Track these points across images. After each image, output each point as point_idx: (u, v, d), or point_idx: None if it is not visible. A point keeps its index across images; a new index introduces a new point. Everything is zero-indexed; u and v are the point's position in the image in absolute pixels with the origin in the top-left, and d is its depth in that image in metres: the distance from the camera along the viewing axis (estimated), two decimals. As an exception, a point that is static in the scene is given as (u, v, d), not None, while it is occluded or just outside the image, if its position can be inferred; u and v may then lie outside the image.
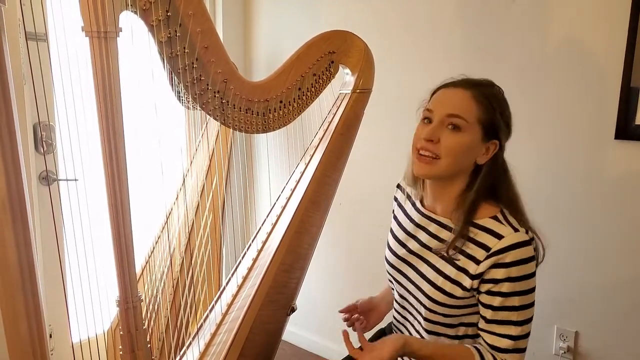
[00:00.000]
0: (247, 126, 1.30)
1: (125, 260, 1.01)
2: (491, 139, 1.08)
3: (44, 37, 1.66)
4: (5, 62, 0.78)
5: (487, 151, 1.09)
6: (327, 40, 1.40)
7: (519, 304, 1.05)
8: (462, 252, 1.09)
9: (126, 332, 1.04)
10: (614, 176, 1.66)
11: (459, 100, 1.06)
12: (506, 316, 1.06)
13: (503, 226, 1.06)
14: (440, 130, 1.06)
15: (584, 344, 1.79)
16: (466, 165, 1.10)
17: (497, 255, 1.03)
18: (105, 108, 0.95)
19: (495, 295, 1.06)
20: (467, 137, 1.05)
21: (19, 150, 0.81)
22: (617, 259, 1.68)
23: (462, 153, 1.06)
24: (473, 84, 1.09)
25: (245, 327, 1.25)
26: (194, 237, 1.95)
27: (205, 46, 1.12)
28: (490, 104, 1.06)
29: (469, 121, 1.05)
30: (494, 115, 1.06)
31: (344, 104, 1.48)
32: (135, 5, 0.99)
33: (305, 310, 1.60)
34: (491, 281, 1.05)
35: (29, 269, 0.83)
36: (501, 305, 1.05)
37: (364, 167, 2.15)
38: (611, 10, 1.58)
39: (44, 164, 1.83)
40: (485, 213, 1.09)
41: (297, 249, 1.37)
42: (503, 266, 1.03)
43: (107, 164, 0.97)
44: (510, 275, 1.03)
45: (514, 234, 1.04)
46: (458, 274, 1.09)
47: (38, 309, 0.85)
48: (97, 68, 0.93)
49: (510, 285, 1.04)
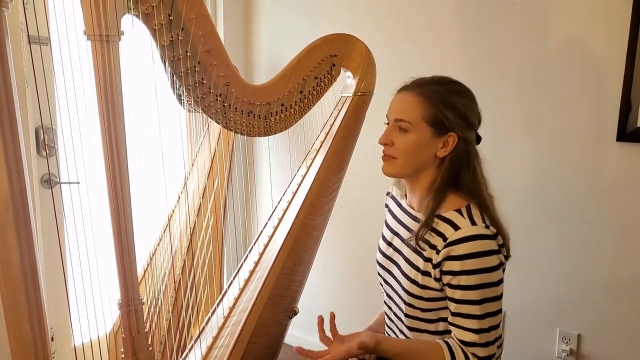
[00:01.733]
0: (248, 129, 1.31)
1: (126, 262, 1.01)
2: (445, 133, 1.12)
3: (46, 41, 1.67)
4: (8, 65, 0.78)
5: (445, 145, 1.13)
6: (328, 43, 1.40)
7: (480, 298, 1.06)
8: (427, 243, 1.12)
9: (128, 334, 1.04)
10: (615, 178, 1.65)
11: (404, 104, 1.15)
12: (468, 310, 1.08)
13: (462, 219, 1.09)
14: (393, 134, 1.15)
15: (586, 346, 1.78)
16: (425, 160, 1.14)
17: (450, 246, 1.07)
18: (107, 111, 0.95)
19: (455, 289, 1.08)
20: (415, 136, 1.12)
21: (21, 153, 0.81)
22: (619, 261, 1.68)
23: (413, 151, 1.13)
24: (418, 85, 1.15)
25: (247, 331, 1.24)
26: (196, 239, 1.95)
27: (207, 50, 1.12)
28: (433, 101, 1.11)
29: (413, 122, 1.12)
30: (439, 111, 1.11)
31: (346, 107, 1.48)
32: (137, 9, 0.99)
33: (307, 313, 1.60)
34: (449, 273, 1.08)
35: (31, 271, 0.83)
36: (462, 298, 1.08)
37: (366, 169, 2.15)
38: (612, 12, 1.58)
39: (46, 166, 1.84)
40: (451, 206, 1.13)
41: (298, 252, 1.37)
42: (457, 259, 1.06)
43: (109, 166, 0.97)
44: (465, 268, 1.06)
45: (470, 227, 1.07)
46: (425, 264, 1.12)
47: (40, 310, 0.85)
48: (99, 71, 0.94)
49: (467, 279, 1.06)
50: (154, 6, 1.01)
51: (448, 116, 1.11)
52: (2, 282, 0.82)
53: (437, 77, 1.17)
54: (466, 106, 1.14)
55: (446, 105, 1.11)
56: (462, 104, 1.13)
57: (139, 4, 0.99)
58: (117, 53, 0.95)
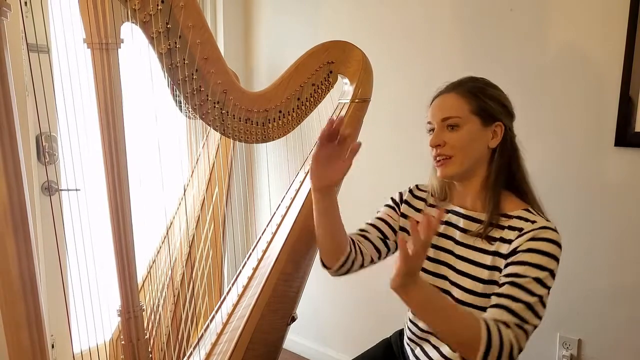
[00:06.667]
0: (246, 136, 1.31)
1: (126, 269, 1.02)
2: (493, 122, 1.16)
3: (46, 49, 1.68)
4: (7, 73, 0.79)
5: (494, 135, 1.16)
6: (325, 50, 1.41)
7: (540, 277, 1.04)
8: (495, 239, 1.13)
9: (128, 342, 1.04)
10: (614, 183, 1.66)
11: (447, 104, 1.18)
12: (524, 282, 1.04)
13: (534, 215, 1.12)
14: (443, 134, 1.16)
15: (587, 352, 1.78)
16: (479, 153, 1.17)
17: (530, 232, 1.08)
18: (106, 118, 0.96)
19: (518, 265, 1.06)
20: (466, 129, 1.15)
21: (21, 160, 0.81)
22: (619, 266, 1.67)
23: (468, 144, 1.15)
24: (454, 86, 1.20)
25: (245, 337, 1.25)
26: (195, 245, 1.95)
27: (205, 57, 1.13)
28: (474, 94, 1.16)
29: (462, 116, 1.15)
30: (482, 101, 1.15)
31: (343, 114, 1.49)
32: (135, 18, 1.00)
33: (306, 319, 1.60)
34: (519, 251, 1.07)
35: (30, 279, 0.83)
36: (523, 273, 1.05)
37: (364, 174, 2.16)
38: (609, 18, 1.59)
39: (46, 174, 1.84)
40: (516, 206, 1.15)
41: (297, 258, 1.37)
42: (533, 240, 1.07)
43: (109, 174, 0.98)
44: (537, 248, 1.06)
45: (546, 222, 1.10)
46: (494, 259, 1.12)
47: (39, 319, 0.85)
48: (98, 79, 0.94)
49: (535, 257, 1.05)
50: (152, 14, 1.02)
51: (492, 105, 1.16)
52: (1, 291, 0.83)
53: (469, 76, 1.22)
54: (502, 96, 1.19)
55: (486, 96, 1.16)
56: (499, 94, 1.19)
57: (136, 13, 1.00)
58: (117, 61, 0.96)
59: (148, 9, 1.01)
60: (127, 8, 0.98)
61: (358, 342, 1.56)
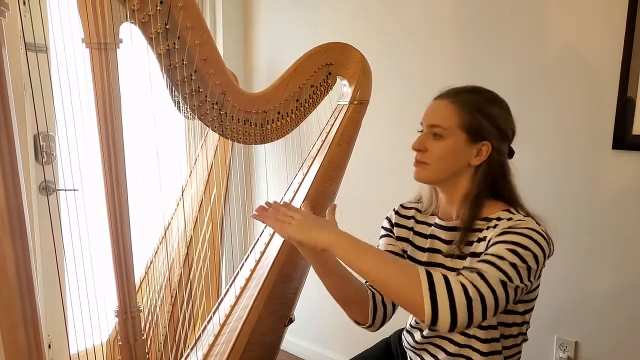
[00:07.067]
0: (245, 137, 1.31)
1: (124, 270, 1.02)
2: (479, 141, 1.12)
3: (44, 49, 1.68)
4: (5, 72, 0.79)
5: (479, 153, 1.13)
6: (324, 52, 1.41)
7: (511, 249, 0.99)
8: (477, 241, 1.11)
9: (125, 342, 1.04)
10: (612, 186, 1.66)
11: (439, 111, 1.15)
12: (496, 250, 0.99)
13: (516, 214, 1.10)
14: (427, 140, 1.15)
15: (584, 354, 1.78)
16: (458, 167, 1.14)
17: (506, 223, 1.06)
18: (105, 118, 0.96)
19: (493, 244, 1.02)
20: (449, 143, 1.12)
21: (18, 160, 0.81)
22: (617, 269, 1.68)
23: (447, 158, 1.13)
24: (454, 93, 1.16)
25: (243, 338, 1.24)
26: (193, 246, 1.95)
27: (204, 58, 1.13)
28: (469, 109, 1.12)
29: (448, 128, 1.12)
30: (474, 118, 1.11)
31: (342, 115, 1.49)
32: (134, 18, 1.00)
33: (304, 320, 1.60)
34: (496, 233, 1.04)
35: (27, 280, 0.83)
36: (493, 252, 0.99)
37: (363, 176, 2.16)
38: (608, 21, 1.59)
39: (44, 174, 1.84)
40: (497, 208, 1.13)
41: (295, 259, 1.37)
42: (509, 228, 1.03)
43: (107, 174, 0.98)
44: (513, 231, 1.02)
45: (523, 217, 1.09)
46: (471, 260, 1.10)
47: (36, 319, 0.85)
48: (97, 79, 0.94)
49: (510, 236, 1.01)
50: (151, 15, 1.02)
51: (483, 124, 1.11)
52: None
53: (474, 86, 1.18)
54: (501, 117, 1.14)
55: (482, 114, 1.12)
56: (498, 114, 1.13)
57: (135, 13, 1.00)
58: (115, 61, 0.96)
59: (147, 9, 1.01)
60: (126, 8, 0.98)
61: (356, 343, 1.56)
